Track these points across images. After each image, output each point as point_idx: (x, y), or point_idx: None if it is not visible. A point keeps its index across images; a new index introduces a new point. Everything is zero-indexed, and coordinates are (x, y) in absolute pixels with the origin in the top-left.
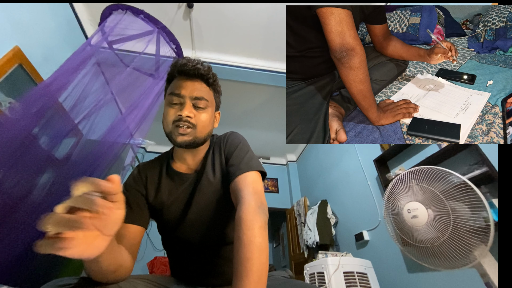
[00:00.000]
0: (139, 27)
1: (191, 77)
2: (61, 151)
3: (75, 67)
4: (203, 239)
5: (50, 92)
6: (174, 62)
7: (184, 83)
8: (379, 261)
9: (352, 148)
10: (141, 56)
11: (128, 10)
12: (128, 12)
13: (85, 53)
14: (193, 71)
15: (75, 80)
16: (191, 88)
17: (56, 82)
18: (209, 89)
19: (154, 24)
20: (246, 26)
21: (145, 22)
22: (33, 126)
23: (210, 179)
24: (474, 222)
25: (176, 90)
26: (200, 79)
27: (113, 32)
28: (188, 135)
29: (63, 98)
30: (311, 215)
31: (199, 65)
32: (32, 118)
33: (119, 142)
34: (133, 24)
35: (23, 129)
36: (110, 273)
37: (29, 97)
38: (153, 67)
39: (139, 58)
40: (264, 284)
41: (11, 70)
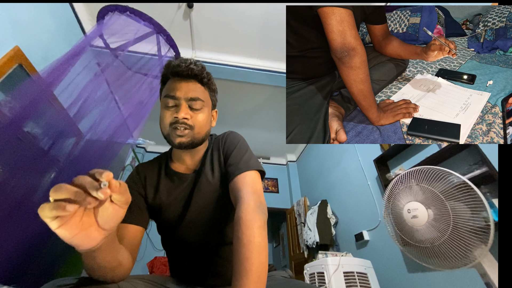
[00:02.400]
0: (137, 27)
1: (185, 77)
2: (61, 151)
3: (71, 63)
4: (202, 239)
5: (44, 86)
6: (167, 63)
7: (178, 84)
8: (379, 261)
9: (352, 148)
10: (141, 56)
11: (126, 10)
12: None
13: (81, 49)
14: (186, 72)
15: (73, 77)
16: (186, 89)
17: (50, 76)
18: (204, 89)
19: (151, 25)
20: (246, 26)
21: (144, 23)
22: (25, 121)
23: (209, 179)
24: (474, 222)
25: (171, 92)
26: (194, 79)
27: (111, 32)
28: (186, 136)
29: (63, 99)
30: (311, 215)
31: (192, 65)
32: (25, 113)
33: (119, 142)
34: (130, 24)
35: (15, 125)
36: (109, 271)
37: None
38: (152, 67)
39: (138, 58)
40: (264, 283)
41: (11, 70)
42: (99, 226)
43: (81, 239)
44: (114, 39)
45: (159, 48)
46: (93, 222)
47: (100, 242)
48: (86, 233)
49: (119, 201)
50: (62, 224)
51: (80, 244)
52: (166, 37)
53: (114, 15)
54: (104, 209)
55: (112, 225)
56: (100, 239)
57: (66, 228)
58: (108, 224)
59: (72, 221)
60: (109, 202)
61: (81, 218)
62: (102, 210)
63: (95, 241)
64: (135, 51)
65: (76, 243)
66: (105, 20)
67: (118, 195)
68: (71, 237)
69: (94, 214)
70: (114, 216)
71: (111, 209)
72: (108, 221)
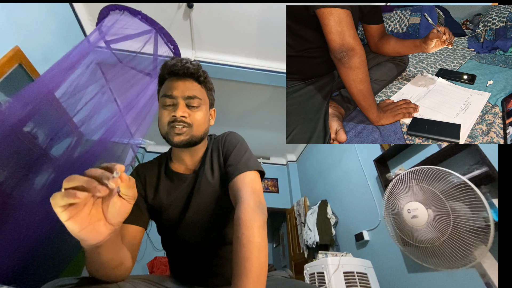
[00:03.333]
0: (137, 27)
1: (181, 76)
2: (61, 151)
3: (73, 63)
4: (202, 239)
5: (46, 87)
6: (164, 64)
7: (175, 83)
8: (379, 261)
9: (352, 148)
10: (140, 56)
11: (125, 10)
12: (125, 13)
13: (83, 50)
14: (183, 71)
15: (74, 78)
16: (183, 88)
17: (52, 78)
18: (201, 87)
19: (151, 25)
20: (246, 26)
21: (143, 23)
22: (27, 122)
23: (208, 179)
24: (474, 222)
25: (168, 91)
26: (191, 78)
27: (111, 32)
28: (184, 135)
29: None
30: (311, 215)
31: (188, 64)
32: (25, 114)
33: (119, 142)
34: (131, 24)
35: (15, 125)
36: (111, 270)
37: (24, 93)
38: (151, 67)
39: (138, 57)
40: (264, 283)
41: (11, 70)
42: (107, 220)
43: (89, 233)
44: (114, 39)
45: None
46: (101, 217)
47: (106, 238)
48: (94, 227)
49: (127, 195)
50: (71, 216)
51: (87, 238)
52: (164, 36)
53: (113, 16)
54: (112, 204)
55: (119, 220)
56: (106, 234)
57: (76, 220)
58: (116, 219)
59: (82, 214)
60: (117, 196)
61: (90, 211)
62: (111, 204)
63: (102, 235)
64: (135, 51)
65: (83, 237)
66: (105, 22)
67: (127, 188)
68: (79, 230)
69: (103, 209)
70: (122, 211)
71: (119, 203)
72: (116, 215)
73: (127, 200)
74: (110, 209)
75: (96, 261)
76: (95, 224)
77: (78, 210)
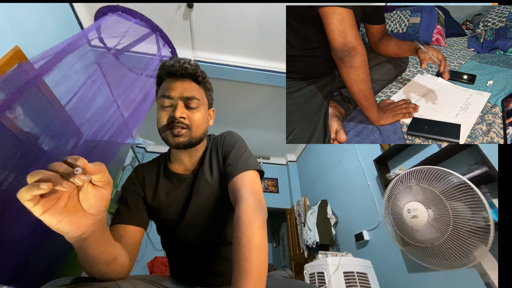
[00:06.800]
0: (135, 27)
1: (179, 77)
2: (61, 151)
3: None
4: (202, 239)
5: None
6: (162, 64)
7: (173, 84)
8: (379, 261)
9: (352, 148)
10: (140, 56)
11: (122, 12)
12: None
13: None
14: (181, 71)
15: (74, 79)
16: (181, 88)
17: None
18: (199, 87)
19: (149, 26)
20: (246, 26)
21: (141, 25)
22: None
23: (207, 180)
24: (474, 222)
25: (166, 92)
26: (189, 78)
27: (108, 31)
28: (183, 136)
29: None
30: (311, 215)
31: (186, 64)
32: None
33: (119, 142)
34: (126, 23)
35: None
36: (103, 266)
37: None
38: (150, 67)
39: (137, 57)
40: (263, 283)
41: (11, 70)
42: (85, 210)
43: (68, 225)
44: (111, 39)
45: (159, 47)
46: (78, 207)
47: (89, 229)
48: (72, 218)
49: (100, 182)
50: (46, 210)
51: (67, 230)
52: (160, 34)
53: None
54: (86, 193)
55: (98, 209)
56: (88, 225)
57: (51, 214)
58: (94, 208)
59: (56, 207)
60: (91, 185)
61: (66, 203)
62: (84, 194)
63: (84, 226)
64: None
65: (63, 229)
66: (102, 20)
67: (97, 175)
68: (57, 222)
69: (79, 199)
70: (99, 199)
71: (94, 191)
72: (93, 204)
73: (102, 187)
74: (85, 198)
75: (85, 255)
76: (72, 216)
77: (52, 204)
